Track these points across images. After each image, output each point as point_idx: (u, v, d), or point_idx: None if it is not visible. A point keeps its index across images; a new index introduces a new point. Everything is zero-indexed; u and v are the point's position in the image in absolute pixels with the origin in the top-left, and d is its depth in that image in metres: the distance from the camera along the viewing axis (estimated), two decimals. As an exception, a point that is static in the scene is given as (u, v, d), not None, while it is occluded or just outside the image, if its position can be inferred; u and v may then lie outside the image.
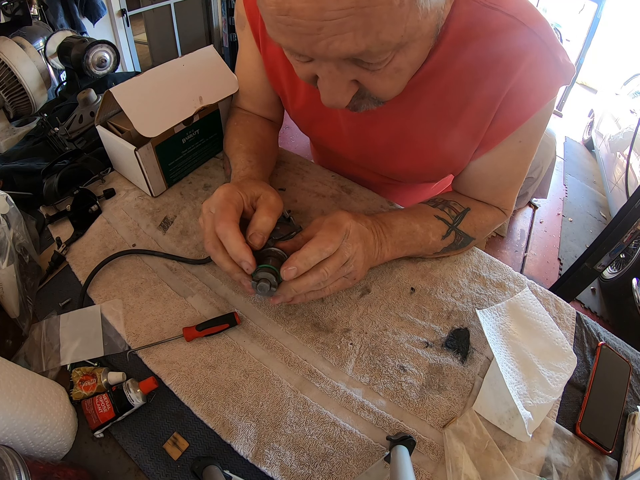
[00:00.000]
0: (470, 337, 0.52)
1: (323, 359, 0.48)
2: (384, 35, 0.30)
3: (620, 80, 3.62)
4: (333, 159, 0.76)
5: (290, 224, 0.50)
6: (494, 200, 0.59)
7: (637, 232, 1.33)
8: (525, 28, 0.41)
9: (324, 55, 0.32)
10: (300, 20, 0.29)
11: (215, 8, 3.79)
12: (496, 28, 0.42)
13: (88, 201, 0.62)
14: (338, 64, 0.35)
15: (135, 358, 0.47)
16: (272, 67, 0.59)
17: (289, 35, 0.31)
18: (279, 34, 0.32)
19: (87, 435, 0.42)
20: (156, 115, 0.58)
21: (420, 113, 0.51)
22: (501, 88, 0.44)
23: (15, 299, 0.48)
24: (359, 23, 0.28)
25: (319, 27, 0.29)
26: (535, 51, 0.42)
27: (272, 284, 0.39)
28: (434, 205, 0.57)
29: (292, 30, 0.30)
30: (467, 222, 0.56)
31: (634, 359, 0.54)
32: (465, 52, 0.44)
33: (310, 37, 0.30)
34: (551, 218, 2.79)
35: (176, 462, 0.40)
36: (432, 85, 0.47)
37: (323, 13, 0.28)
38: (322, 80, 0.38)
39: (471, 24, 0.42)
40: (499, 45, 0.42)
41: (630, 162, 2.62)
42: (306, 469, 0.40)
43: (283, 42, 0.33)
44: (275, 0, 0.28)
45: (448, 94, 0.48)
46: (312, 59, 0.36)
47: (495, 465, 0.41)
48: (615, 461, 0.45)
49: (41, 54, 0.96)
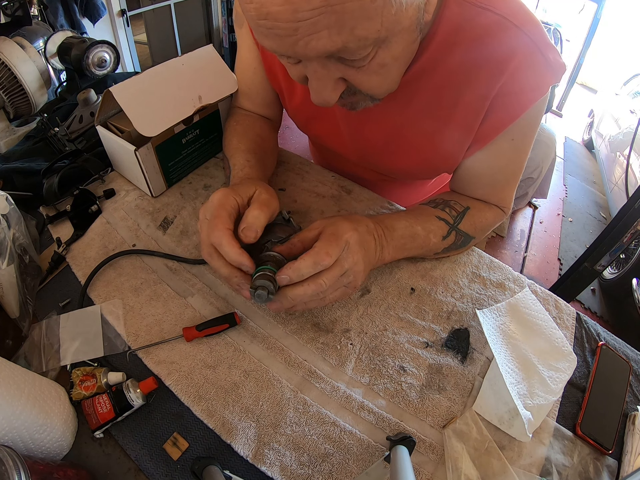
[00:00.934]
0: (470, 337, 0.52)
1: (323, 359, 0.48)
2: (359, 31, 0.31)
3: (620, 81, 3.61)
4: (331, 157, 0.76)
5: (290, 225, 0.50)
6: (491, 198, 0.59)
7: (637, 232, 1.33)
8: (515, 28, 0.42)
9: (305, 54, 0.33)
10: (278, 23, 0.30)
11: (215, 8, 3.79)
12: (487, 28, 0.43)
13: (88, 201, 0.62)
14: (322, 62, 0.36)
15: (135, 358, 0.47)
16: (270, 65, 0.60)
17: (271, 38, 0.32)
18: (262, 38, 0.33)
19: (87, 436, 0.42)
20: (156, 114, 0.58)
21: (414, 111, 0.52)
22: (491, 87, 0.45)
23: (15, 299, 0.48)
24: (332, 21, 0.29)
25: (295, 28, 0.30)
26: (524, 51, 0.43)
27: (269, 292, 0.39)
28: (434, 206, 0.57)
29: (272, 33, 0.31)
30: (468, 222, 0.56)
31: (634, 359, 0.54)
32: (457, 52, 0.44)
33: (289, 39, 0.31)
34: (551, 218, 2.79)
35: (176, 462, 0.40)
36: (424, 83, 0.48)
37: (297, 14, 0.29)
38: (310, 80, 0.39)
39: (462, 24, 0.43)
40: (489, 45, 0.43)
41: (630, 162, 2.62)
42: (306, 469, 0.40)
43: (267, 45, 0.34)
44: (254, 6, 0.30)
45: (440, 92, 0.48)
46: (299, 60, 0.37)
47: (495, 465, 0.41)
48: (615, 461, 0.45)
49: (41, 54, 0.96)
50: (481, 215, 0.58)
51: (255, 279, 0.39)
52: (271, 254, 0.43)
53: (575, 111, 4.57)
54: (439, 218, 0.55)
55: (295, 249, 0.43)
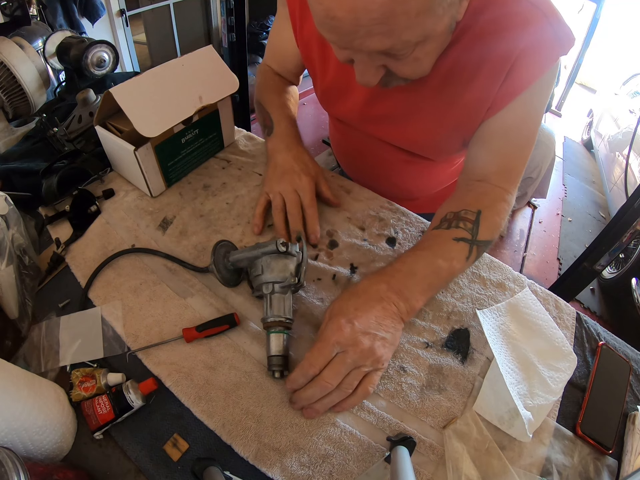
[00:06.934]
0: (470, 337, 0.52)
1: (323, 359, 0.48)
2: (405, 37, 0.39)
3: (619, 80, 3.62)
4: (350, 135, 0.77)
5: (289, 257, 0.49)
6: (501, 171, 0.57)
7: (636, 232, 1.33)
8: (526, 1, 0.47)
9: (359, 49, 0.40)
10: (342, 24, 0.37)
11: (215, 8, 3.79)
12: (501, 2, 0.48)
13: (87, 201, 0.62)
14: (369, 54, 0.43)
15: (135, 359, 0.47)
16: (307, 45, 0.66)
17: (333, 33, 0.40)
18: (324, 30, 0.41)
19: (86, 437, 0.41)
20: (156, 115, 0.58)
21: (438, 80, 0.55)
22: (512, 49, 0.49)
23: (15, 300, 0.48)
24: (384, 29, 0.37)
25: (354, 31, 0.37)
26: (537, 21, 0.47)
27: (283, 371, 0.45)
28: (447, 226, 0.54)
29: (335, 30, 0.39)
30: (484, 227, 0.54)
31: (634, 359, 0.54)
32: (473, 27, 0.50)
33: (348, 37, 0.39)
34: (550, 218, 2.79)
35: (176, 463, 0.40)
36: (444, 59, 0.52)
37: (358, 22, 0.36)
38: (357, 65, 0.46)
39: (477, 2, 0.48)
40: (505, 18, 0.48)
41: (630, 161, 2.62)
42: (306, 470, 0.40)
43: (327, 36, 0.41)
44: (323, 8, 0.37)
45: (458, 67, 0.53)
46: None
47: (496, 465, 0.41)
48: (616, 461, 0.45)
49: (40, 54, 0.96)
50: (494, 211, 0.55)
51: (272, 359, 0.46)
52: (277, 320, 0.47)
53: (575, 111, 4.57)
54: (456, 240, 0.52)
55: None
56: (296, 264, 0.49)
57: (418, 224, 0.66)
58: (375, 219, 0.66)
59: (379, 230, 0.64)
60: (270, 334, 0.46)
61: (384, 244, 0.62)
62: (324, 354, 0.43)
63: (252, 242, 0.60)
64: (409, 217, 0.67)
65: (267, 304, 0.47)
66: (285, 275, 0.48)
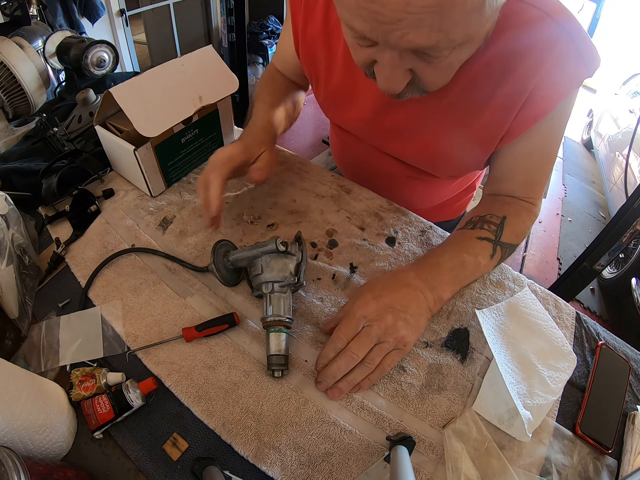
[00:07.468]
0: (469, 337, 0.52)
1: (323, 359, 0.48)
2: (452, 35, 0.33)
3: (619, 80, 3.62)
4: (353, 145, 0.74)
5: (288, 256, 0.49)
6: (526, 187, 0.58)
7: (636, 232, 1.33)
8: (552, 21, 0.44)
9: (396, 44, 0.34)
10: (384, 10, 0.31)
11: (215, 8, 3.79)
12: (525, 20, 0.44)
13: (87, 201, 0.62)
14: (401, 53, 0.37)
15: (135, 359, 0.47)
16: (310, 47, 0.62)
17: (369, 21, 0.33)
18: (356, 19, 0.34)
19: (86, 436, 0.41)
20: (156, 115, 0.58)
21: (447, 103, 0.53)
22: (528, 81, 0.46)
23: (15, 300, 0.48)
24: (436, 21, 0.31)
25: (399, 18, 0.31)
26: (562, 44, 0.44)
27: (282, 370, 0.45)
28: (472, 227, 0.56)
29: (373, 17, 0.32)
30: (508, 231, 0.55)
31: (633, 359, 0.54)
32: (496, 44, 0.45)
33: (388, 26, 0.32)
34: (550, 218, 2.79)
35: (176, 462, 0.40)
36: (461, 75, 0.48)
37: (407, 7, 0.30)
38: (382, 67, 0.39)
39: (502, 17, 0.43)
40: (528, 37, 0.45)
41: (629, 161, 2.62)
42: (306, 469, 0.40)
43: (358, 27, 0.34)
44: None
45: (475, 86, 0.49)
46: (374, 44, 0.37)
47: (495, 465, 0.41)
48: (615, 461, 0.45)
49: (40, 54, 0.96)
50: (518, 219, 0.57)
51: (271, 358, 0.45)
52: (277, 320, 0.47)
53: (575, 111, 4.55)
54: (480, 238, 0.54)
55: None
56: (296, 263, 0.49)
57: (418, 223, 0.66)
58: (375, 219, 0.66)
59: (378, 230, 0.64)
60: (269, 333, 0.46)
61: (383, 243, 0.62)
62: (351, 327, 0.45)
63: (251, 241, 0.60)
64: (409, 217, 0.67)
65: (267, 303, 0.47)
66: (284, 274, 0.48)
